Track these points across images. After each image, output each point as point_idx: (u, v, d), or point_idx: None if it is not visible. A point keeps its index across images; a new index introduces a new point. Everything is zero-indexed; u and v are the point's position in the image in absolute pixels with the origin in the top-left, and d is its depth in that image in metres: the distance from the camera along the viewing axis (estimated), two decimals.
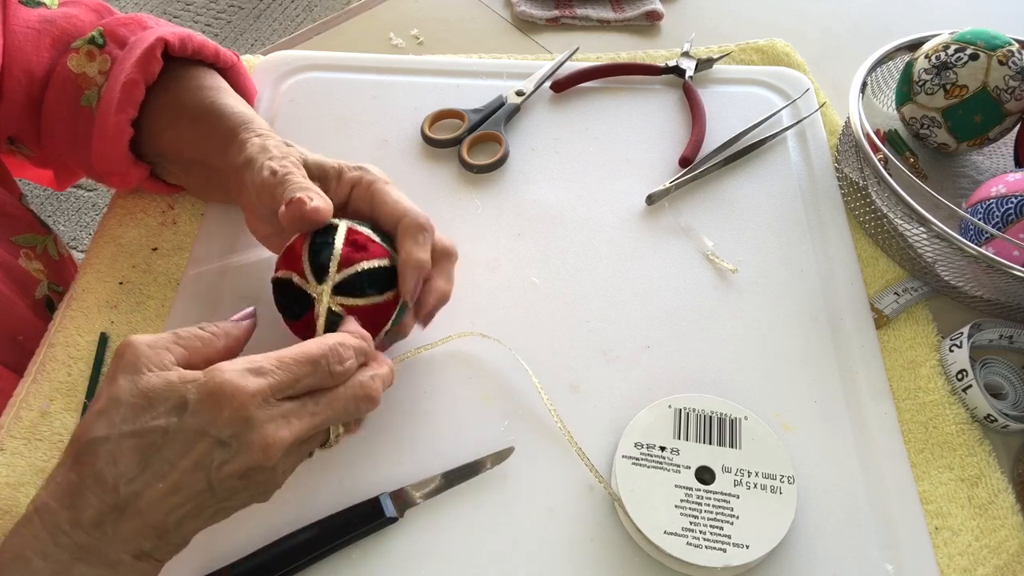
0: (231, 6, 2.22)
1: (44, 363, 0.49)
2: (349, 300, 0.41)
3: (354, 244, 0.42)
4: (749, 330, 0.52)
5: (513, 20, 0.77)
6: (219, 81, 0.54)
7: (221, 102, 0.51)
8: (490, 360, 0.49)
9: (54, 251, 0.61)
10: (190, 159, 0.52)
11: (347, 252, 0.42)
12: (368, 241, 0.43)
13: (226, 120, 0.49)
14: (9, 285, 0.53)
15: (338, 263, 0.41)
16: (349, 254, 0.42)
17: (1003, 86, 0.55)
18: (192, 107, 0.51)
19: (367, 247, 0.42)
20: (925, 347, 0.51)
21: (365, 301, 0.41)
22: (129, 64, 0.50)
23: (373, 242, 0.43)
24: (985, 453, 0.47)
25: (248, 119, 0.49)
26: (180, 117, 0.51)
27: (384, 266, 0.42)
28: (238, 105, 0.51)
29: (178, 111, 0.51)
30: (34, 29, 0.52)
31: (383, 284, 0.42)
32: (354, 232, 0.43)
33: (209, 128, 0.50)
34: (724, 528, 0.41)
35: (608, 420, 0.47)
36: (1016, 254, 0.49)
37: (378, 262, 0.42)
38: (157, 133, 0.52)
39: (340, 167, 0.46)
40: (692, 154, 0.61)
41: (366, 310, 0.42)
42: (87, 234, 1.70)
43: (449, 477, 0.44)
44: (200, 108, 0.51)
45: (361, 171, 0.46)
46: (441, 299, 0.45)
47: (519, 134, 0.63)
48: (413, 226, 0.43)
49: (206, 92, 0.52)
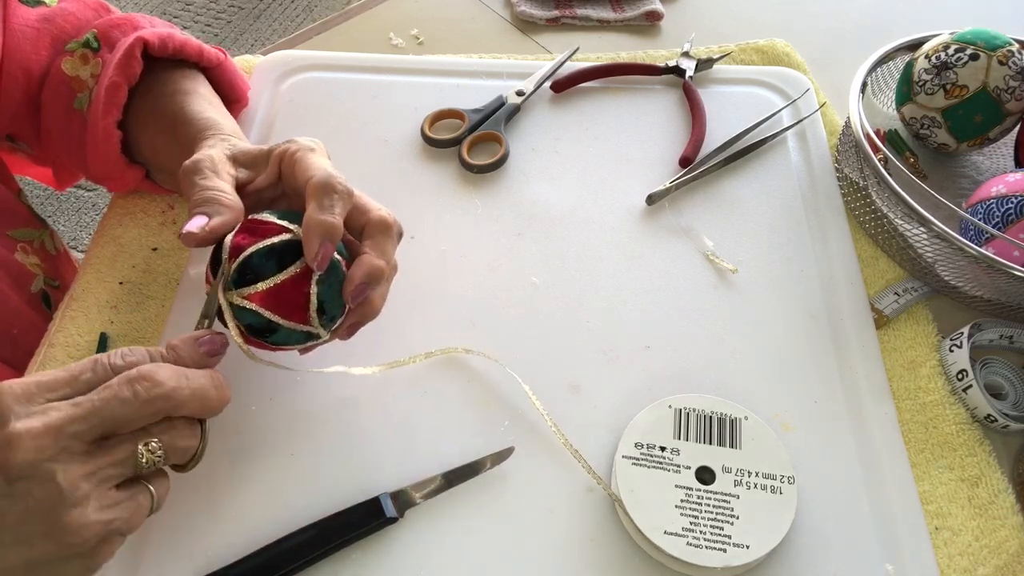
0: (231, 6, 2.22)
1: (44, 363, 0.49)
2: (249, 289, 0.39)
3: (246, 231, 0.40)
4: (749, 330, 0.52)
5: (513, 20, 0.77)
6: (196, 84, 0.53)
7: (190, 107, 0.50)
8: (490, 361, 0.49)
9: (51, 246, 0.61)
10: (166, 167, 0.52)
11: (236, 241, 0.39)
12: (260, 224, 0.40)
13: (193, 126, 0.48)
14: (4, 279, 0.53)
15: (228, 255, 0.39)
16: (239, 242, 0.39)
17: (1003, 86, 0.55)
18: (164, 113, 0.51)
19: (257, 230, 0.40)
20: (925, 347, 0.51)
21: (266, 284, 0.38)
22: (111, 67, 0.50)
23: (267, 223, 0.40)
24: (985, 453, 0.47)
25: (211, 124, 0.48)
26: (156, 123, 0.51)
27: (277, 243, 0.39)
28: (207, 110, 0.50)
29: (154, 117, 0.51)
30: (33, 28, 0.52)
31: (280, 261, 0.39)
32: (251, 220, 0.40)
33: (175, 136, 0.49)
34: (724, 528, 0.41)
35: (608, 420, 0.47)
36: (1016, 254, 0.49)
37: (271, 240, 0.39)
38: (140, 137, 0.52)
39: (269, 148, 0.44)
40: (692, 154, 0.61)
41: (271, 293, 0.39)
42: (87, 234, 1.70)
43: (449, 477, 0.44)
44: (169, 115, 0.50)
45: (287, 144, 0.43)
46: (371, 275, 0.40)
47: (519, 134, 0.63)
48: (317, 188, 0.39)
49: (179, 97, 0.51)
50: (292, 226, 0.40)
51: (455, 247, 0.55)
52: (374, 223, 0.42)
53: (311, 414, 0.47)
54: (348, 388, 0.48)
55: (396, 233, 0.43)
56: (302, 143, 0.43)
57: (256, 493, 0.43)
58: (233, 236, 0.40)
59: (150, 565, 0.41)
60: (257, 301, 0.39)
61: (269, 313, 0.39)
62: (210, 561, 0.41)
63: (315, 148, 0.43)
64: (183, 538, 0.41)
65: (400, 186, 0.59)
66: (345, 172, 0.54)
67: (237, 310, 0.39)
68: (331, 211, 0.39)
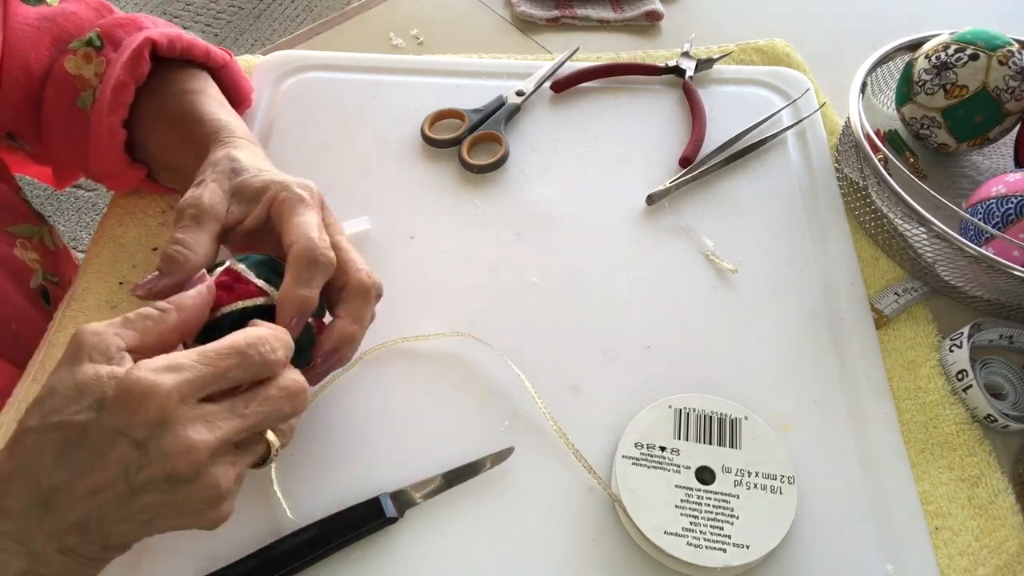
0: (231, 6, 2.22)
1: (44, 363, 0.49)
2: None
3: (224, 287, 0.39)
4: (749, 330, 0.52)
5: (513, 20, 0.77)
6: (204, 84, 0.53)
7: (202, 108, 0.50)
8: (490, 360, 0.49)
9: (50, 241, 0.61)
10: (173, 166, 0.52)
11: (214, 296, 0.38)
12: (237, 281, 0.39)
13: (204, 126, 0.48)
14: (3, 275, 0.53)
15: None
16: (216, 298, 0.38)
17: (1003, 86, 0.55)
18: (173, 113, 0.51)
19: (233, 288, 0.39)
20: (925, 347, 0.51)
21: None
22: (119, 66, 0.50)
23: (243, 282, 0.39)
24: (985, 453, 0.47)
25: (221, 126, 0.48)
26: (164, 122, 0.51)
27: (251, 306, 0.38)
28: (218, 111, 0.50)
29: (162, 116, 0.51)
30: (33, 27, 0.52)
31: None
32: (230, 275, 0.39)
33: (186, 135, 0.49)
34: (724, 528, 0.41)
35: (608, 420, 0.47)
36: (1016, 254, 0.49)
37: (243, 303, 0.38)
38: (145, 136, 0.52)
39: (266, 187, 0.42)
40: (692, 154, 0.61)
41: None
42: (87, 234, 1.70)
43: (449, 477, 0.44)
44: (179, 114, 0.50)
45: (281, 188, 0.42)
46: (343, 340, 0.40)
47: (519, 134, 0.63)
48: (299, 258, 0.39)
49: (187, 97, 0.51)
50: (269, 289, 0.39)
51: (455, 247, 0.55)
52: (353, 287, 0.41)
53: (311, 414, 0.46)
54: (348, 388, 0.48)
55: (374, 296, 0.42)
56: (294, 191, 0.42)
57: (256, 493, 0.43)
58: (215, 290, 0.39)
59: (150, 565, 0.41)
60: None
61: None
62: (210, 561, 0.41)
63: (305, 198, 0.42)
64: (183, 538, 0.41)
65: (400, 186, 0.59)
66: (345, 172, 0.55)
67: None
68: (308, 285, 0.38)
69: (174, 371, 0.32)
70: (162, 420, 0.31)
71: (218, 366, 0.33)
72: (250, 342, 0.34)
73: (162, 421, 0.31)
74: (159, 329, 0.35)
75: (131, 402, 0.31)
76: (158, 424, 0.31)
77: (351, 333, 0.40)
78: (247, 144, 0.47)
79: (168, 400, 0.31)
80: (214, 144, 0.47)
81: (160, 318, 0.35)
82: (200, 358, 0.33)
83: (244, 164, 0.44)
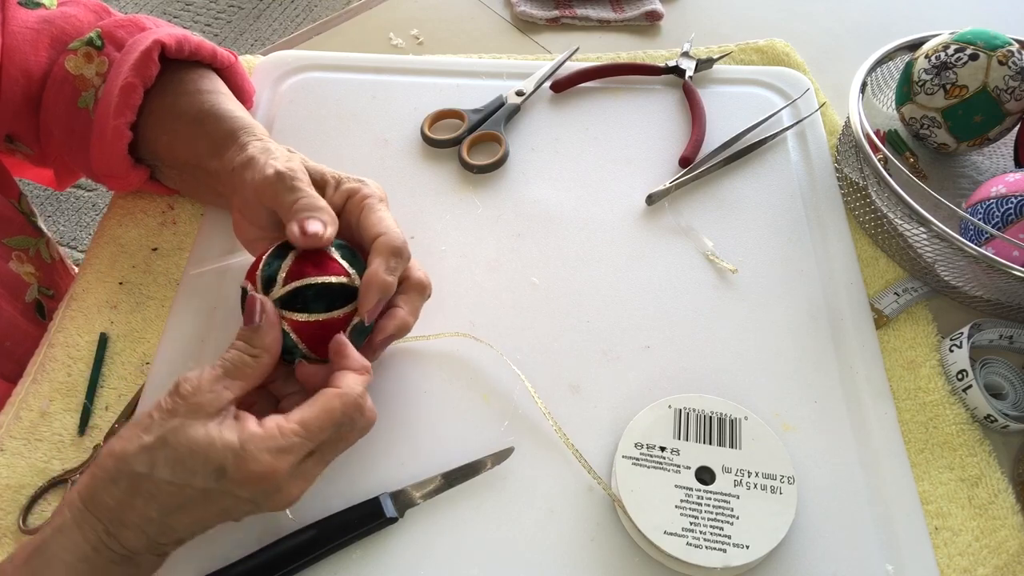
0: (231, 6, 2.22)
1: (44, 363, 0.49)
2: (293, 315, 0.40)
3: (309, 259, 0.41)
4: (749, 330, 0.52)
5: (513, 20, 0.77)
6: (217, 84, 0.54)
7: (221, 106, 0.51)
8: (490, 361, 0.49)
9: (47, 254, 0.61)
10: (185, 162, 0.52)
11: (297, 266, 0.41)
12: (326, 258, 0.41)
13: (226, 123, 0.49)
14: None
15: (285, 276, 0.40)
16: (299, 268, 0.40)
17: (1003, 86, 0.55)
18: (190, 110, 0.51)
19: (322, 264, 0.41)
20: (925, 347, 0.51)
21: (308, 317, 0.40)
22: (126, 68, 0.50)
23: (332, 260, 0.42)
24: (985, 453, 0.47)
25: (249, 124, 0.49)
26: (177, 120, 0.51)
27: (335, 283, 0.41)
28: (238, 110, 0.51)
29: (175, 114, 0.51)
30: (32, 29, 0.52)
31: (331, 301, 0.41)
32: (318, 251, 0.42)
33: (207, 131, 0.49)
34: (724, 528, 0.41)
35: (608, 420, 0.47)
36: (1016, 254, 0.49)
37: (330, 278, 0.41)
38: (154, 136, 0.52)
39: (339, 177, 0.46)
40: (692, 154, 0.61)
41: (312, 326, 0.40)
42: (87, 234, 1.70)
43: (449, 477, 0.44)
44: (199, 111, 0.51)
45: (360, 184, 0.45)
46: (400, 330, 0.43)
47: (519, 134, 0.63)
48: (386, 247, 0.42)
49: (205, 96, 0.51)
50: (352, 271, 0.42)
51: (455, 247, 0.55)
52: (413, 283, 0.44)
53: None
54: None
55: (427, 294, 0.46)
56: (372, 189, 0.45)
57: None
58: (299, 261, 0.41)
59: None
60: (294, 327, 0.40)
61: (299, 341, 0.41)
62: (210, 561, 0.41)
63: (384, 199, 0.45)
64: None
65: (400, 186, 0.59)
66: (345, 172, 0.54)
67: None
68: (393, 273, 0.42)
69: (288, 453, 0.36)
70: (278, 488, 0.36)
71: (322, 439, 0.37)
72: (345, 412, 0.38)
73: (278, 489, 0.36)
74: (256, 375, 0.39)
75: (252, 479, 0.35)
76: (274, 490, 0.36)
77: (408, 323, 0.44)
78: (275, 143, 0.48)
79: (283, 476, 0.36)
80: (244, 136, 0.48)
81: (257, 364, 0.39)
82: (307, 434, 0.37)
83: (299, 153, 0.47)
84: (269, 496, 0.36)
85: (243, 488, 0.35)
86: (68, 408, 0.47)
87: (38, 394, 0.48)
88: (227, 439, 0.35)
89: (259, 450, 0.35)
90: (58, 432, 0.46)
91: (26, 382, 0.49)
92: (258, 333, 0.39)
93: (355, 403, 0.38)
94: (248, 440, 0.35)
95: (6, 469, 0.45)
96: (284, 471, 0.36)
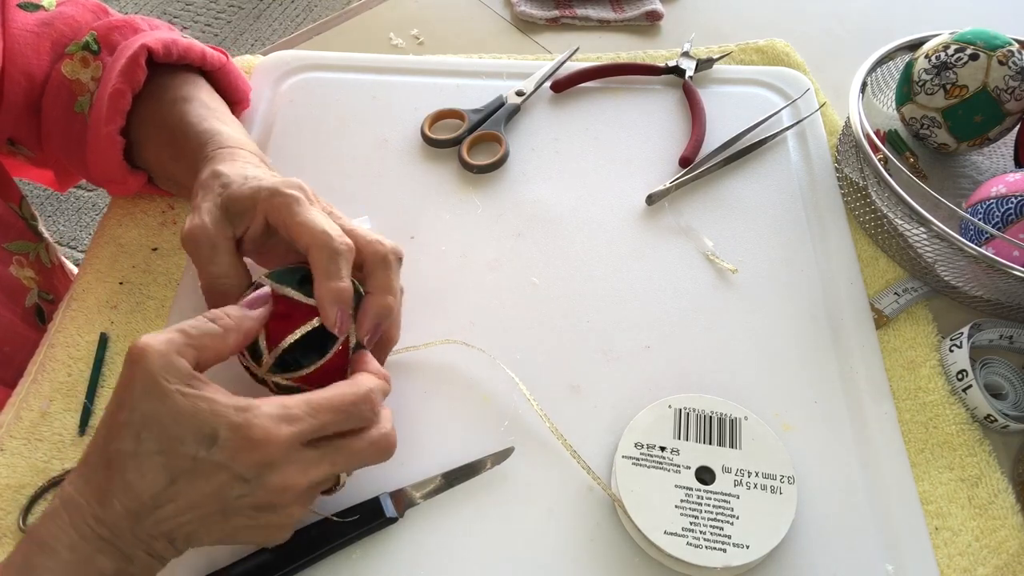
0: (231, 6, 2.22)
1: (44, 363, 0.49)
2: (293, 374, 0.39)
3: (279, 317, 0.39)
4: (749, 330, 0.52)
5: (513, 20, 0.77)
6: (196, 91, 0.53)
7: (187, 119, 0.49)
8: (489, 362, 0.49)
9: (46, 258, 0.61)
10: (168, 175, 0.52)
11: (274, 327, 0.39)
12: (290, 308, 0.40)
13: (190, 140, 0.48)
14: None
15: (266, 344, 0.39)
16: (274, 330, 0.39)
17: (1003, 86, 0.55)
18: (167, 123, 0.50)
19: (291, 315, 0.39)
20: (925, 347, 0.51)
21: (309, 370, 0.39)
22: (115, 73, 0.50)
23: (295, 305, 0.40)
24: (985, 453, 0.47)
25: (208, 138, 0.47)
26: (158, 133, 0.51)
27: (314, 328, 0.39)
28: (203, 121, 0.49)
29: (157, 125, 0.51)
30: (33, 32, 0.52)
31: (321, 344, 0.40)
32: (281, 302, 0.40)
33: (178, 149, 0.49)
34: (724, 528, 0.41)
35: (608, 420, 0.47)
36: (1016, 254, 0.49)
37: (305, 327, 0.39)
38: (143, 145, 0.52)
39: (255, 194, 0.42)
40: (692, 154, 0.61)
41: (316, 375, 0.39)
42: (87, 234, 1.70)
43: (449, 477, 0.44)
44: (172, 125, 0.50)
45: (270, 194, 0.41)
46: (380, 314, 0.41)
47: (519, 134, 0.63)
48: (318, 253, 0.39)
49: (179, 106, 0.51)
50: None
51: (455, 247, 0.55)
52: (369, 259, 0.42)
53: None
54: None
55: (395, 260, 0.42)
56: (285, 193, 0.41)
57: None
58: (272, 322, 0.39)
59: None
60: (300, 382, 0.40)
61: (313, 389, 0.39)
62: (210, 561, 0.41)
63: (299, 197, 0.41)
64: None
65: (400, 186, 0.59)
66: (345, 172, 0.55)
67: (283, 388, 0.40)
68: (338, 276, 0.39)
69: (288, 422, 0.34)
70: (272, 463, 0.34)
71: (326, 420, 0.36)
72: (357, 399, 0.36)
73: (271, 464, 0.34)
74: (217, 348, 0.37)
75: (246, 446, 0.33)
76: (267, 466, 0.34)
77: (385, 304, 0.41)
78: (234, 152, 0.46)
79: (280, 448, 0.34)
80: (201, 161, 0.46)
81: (221, 337, 0.37)
82: (311, 410, 0.35)
83: (230, 176, 0.43)
84: (264, 474, 0.34)
85: (236, 459, 0.33)
86: (68, 408, 0.47)
87: (38, 394, 0.48)
88: (218, 407, 0.34)
89: (257, 415, 0.34)
90: (58, 432, 0.46)
91: (26, 382, 0.49)
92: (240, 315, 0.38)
93: (366, 395, 0.37)
94: (247, 408, 0.34)
95: (6, 469, 0.45)
96: (282, 440, 0.34)
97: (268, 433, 0.33)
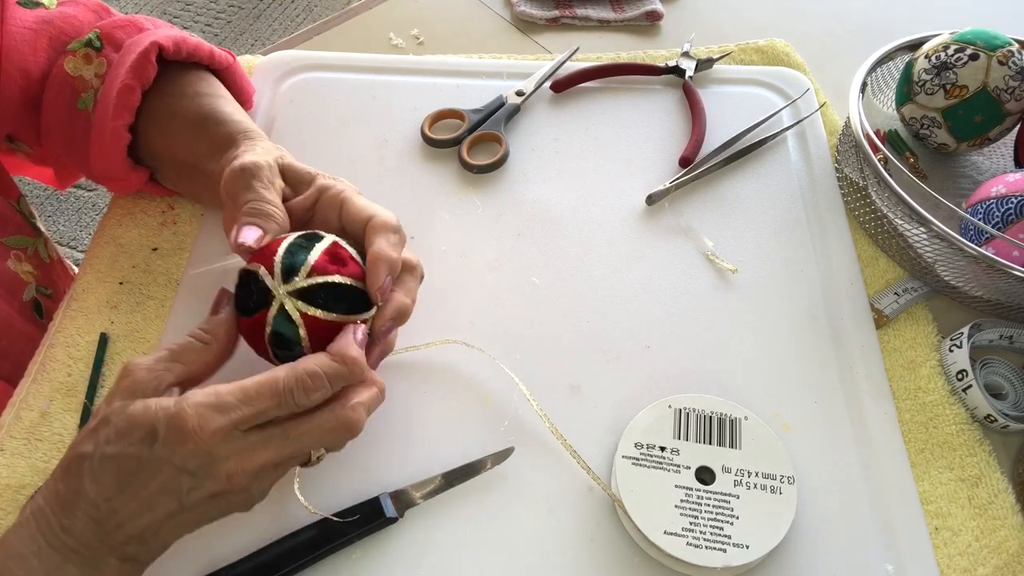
0: (231, 6, 2.22)
1: (44, 363, 0.49)
2: (310, 309, 0.39)
3: (334, 256, 0.41)
4: (749, 330, 0.52)
5: (513, 20, 0.77)
6: (216, 87, 0.54)
7: (222, 109, 0.51)
8: (488, 362, 0.49)
9: (44, 253, 0.61)
10: (183, 162, 0.52)
11: (324, 260, 0.40)
12: (350, 258, 0.41)
13: (227, 127, 0.49)
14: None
15: (310, 268, 0.39)
16: (325, 263, 0.40)
17: (1003, 86, 0.55)
18: (189, 113, 0.51)
19: (347, 263, 0.41)
20: (925, 347, 0.51)
21: (325, 315, 0.39)
22: (124, 69, 0.50)
23: (354, 260, 0.42)
24: (985, 453, 0.47)
25: (246, 128, 0.49)
26: (176, 122, 0.51)
27: (356, 286, 0.41)
28: (237, 114, 0.51)
29: (174, 116, 0.51)
30: (31, 29, 0.52)
31: (349, 304, 0.40)
32: (338, 246, 0.42)
33: (208, 133, 0.50)
34: (724, 528, 0.41)
35: (608, 420, 0.47)
36: (1016, 254, 0.49)
37: (352, 280, 0.40)
38: (152, 137, 0.52)
39: (314, 174, 0.46)
40: (692, 154, 0.61)
41: (325, 325, 0.39)
42: (87, 234, 1.70)
43: (449, 477, 0.44)
44: (198, 115, 0.51)
45: (333, 180, 0.45)
46: (399, 313, 0.42)
47: (519, 134, 0.63)
48: (382, 225, 0.42)
49: (204, 99, 0.52)
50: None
51: (455, 247, 0.55)
52: (404, 265, 0.43)
53: None
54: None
55: (419, 275, 0.45)
56: (347, 184, 0.45)
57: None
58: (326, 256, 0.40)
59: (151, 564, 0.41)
60: (308, 321, 0.39)
61: (306, 336, 0.39)
62: (210, 561, 0.41)
63: (358, 191, 0.45)
64: (184, 538, 0.41)
65: (400, 186, 0.59)
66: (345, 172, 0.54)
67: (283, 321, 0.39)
68: (396, 250, 0.41)
69: (219, 411, 0.35)
70: (209, 453, 0.34)
71: (262, 407, 0.36)
72: (288, 385, 0.36)
73: (209, 454, 0.34)
74: (204, 359, 0.39)
75: (180, 438, 0.34)
76: (206, 456, 0.34)
77: (407, 305, 0.43)
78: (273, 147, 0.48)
79: (215, 437, 0.34)
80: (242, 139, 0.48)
81: (205, 349, 0.39)
82: (245, 398, 0.35)
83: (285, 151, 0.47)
84: (206, 465, 0.34)
85: (175, 452, 0.34)
86: (68, 408, 0.47)
87: (38, 394, 0.48)
88: (162, 403, 0.35)
89: (189, 404, 0.34)
90: (58, 432, 0.46)
91: (26, 382, 0.49)
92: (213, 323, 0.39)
93: (300, 377, 0.36)
94: (181, 400, 0.35)
95: (6, 469, 0.45)
96: (214, 429, 0.34)
97: (200, 422, 0.34)
